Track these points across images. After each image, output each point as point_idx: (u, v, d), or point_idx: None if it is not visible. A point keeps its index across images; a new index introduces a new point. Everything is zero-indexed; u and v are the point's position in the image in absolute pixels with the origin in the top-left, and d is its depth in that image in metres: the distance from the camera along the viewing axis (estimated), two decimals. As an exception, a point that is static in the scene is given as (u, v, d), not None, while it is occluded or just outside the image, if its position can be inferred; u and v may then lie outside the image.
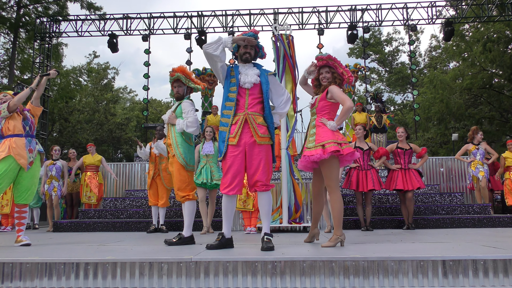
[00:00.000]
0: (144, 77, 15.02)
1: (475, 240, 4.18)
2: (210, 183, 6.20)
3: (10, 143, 4.29)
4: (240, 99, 3.75)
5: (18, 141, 4.33)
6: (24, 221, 4.54)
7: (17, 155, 4.27)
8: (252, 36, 3.85)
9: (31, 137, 4.48)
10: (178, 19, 15.23)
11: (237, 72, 3.81)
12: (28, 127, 4.49)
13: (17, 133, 4.36)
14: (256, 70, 3.84)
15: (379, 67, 32.72)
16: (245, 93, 3.75)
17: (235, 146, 3.66)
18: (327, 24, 14.98)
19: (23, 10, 19.56)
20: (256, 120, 3.70)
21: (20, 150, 4.30)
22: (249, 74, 3.76)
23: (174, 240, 4.12)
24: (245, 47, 3.85)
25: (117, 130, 27.14)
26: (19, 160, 4.28)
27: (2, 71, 21.73)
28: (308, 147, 3.84)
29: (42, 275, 2.90)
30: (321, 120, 3.89)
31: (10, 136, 4.34)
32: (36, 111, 4.67)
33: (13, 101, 4.39)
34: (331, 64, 3.98)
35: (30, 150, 4.40)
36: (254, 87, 3.75)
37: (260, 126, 3.69)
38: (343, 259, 2.83)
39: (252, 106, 3.73)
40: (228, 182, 3.62)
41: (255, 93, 3.76)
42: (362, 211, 6.40)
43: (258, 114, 3.73)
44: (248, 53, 3.85)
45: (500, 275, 2.75)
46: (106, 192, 10.28)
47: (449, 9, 15.70)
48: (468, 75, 21.47)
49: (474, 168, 8.11)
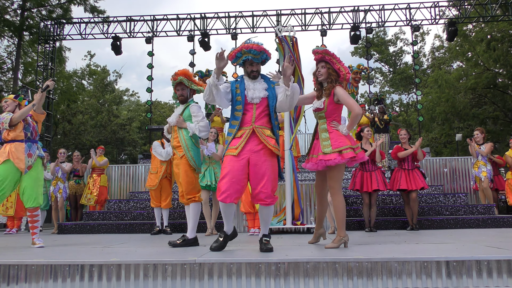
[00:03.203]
0: (147, 79, 15.07)
1: (479, 241, 4.17)
2: (214, 184, 6.22)
3: (10, 148, 4.47)
4: (247, 113, 3.65)
5: (18, 146, 4.50)
6: (37, 224, 4.65)
7: (16, 159, 4.44)
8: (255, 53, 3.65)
9: (32, 142, 4.62)
10: (181, 21, 15.28)
11: (243, 88, 3.69)
12: (30, 133, 4.62)
13: (18, 139, 4.54)
14: (264, 84, 3.73)
15: (383, 66, 32.68)
16: (252, 108, 3.65)
17: (236, 156, 3.54)
18: (330, 25, 14.97)
19: (27, 14, 19.68)
20: (264, 133, 3.60)
21: (19, 154, 4.47)
22: (257, 89, 3.66)
23: (178, 242, 4.14)
24: (251, 65, 3.72)
25: (120, 131, 27.24)
26: (17, 163, 4.44)
27: (5, 75, 21.89)
28: (325, 152, 3.75)
29: (47, 277, 2.92)
30: (333, 125, 3.85)
31: (11, 142, 4.51)
32: (39, 117, 4.81)
33: (15, 116, 4.54)
34: (327, 59, 3.89)
35: (29, 155, 4.55)
36: (262, 101, 3.66)
37: (270, 138, 3.59)
38: (347, 260, 2.83)
39: (259, 119, 3.63)
40: (225, 187, 3.45)
41: (262, 106, 3.66)
42: (368, 211, 6.39)
43: (265, 128, 3.64)
44: (255, 71, 3.73)
45: (504, 276, 2.74)
46: (110, 194, 10.32)
47: (452, 9, 15.65)
48: (472, 75, 21.41)
49: (476, 168, 8.09)
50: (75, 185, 8.93)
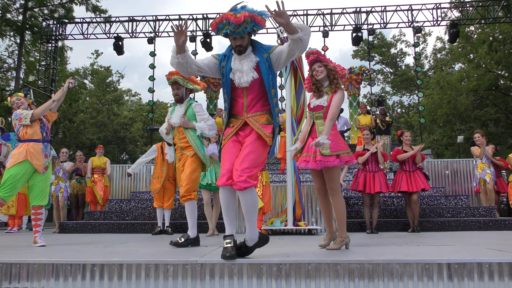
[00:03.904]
0: (149, 80, 15.10)
1: (480, 243, 4.16)
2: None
3: (28, 148, 4.41)
4: (238, 100, 3.16)
5: (36, 146, 4.45)
6: (40, 222, 4.66)
7: (35, 160, 4.40)
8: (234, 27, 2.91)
9: (47, 142, 4.61)
10: (183, 21, 15.27)
11: (228, 68, 3.11)
12: (45, 132, 4.60)
13: (35, 138, 4.48)
14: (254, 58, 3.06)
15: (383, 68, 32.67)
16: (243, 93, 3.13)
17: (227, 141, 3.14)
18: (331, 27, 15.00)
19: (29, 13, 19.72)
20: (259, 120, 3.10)
21: (38, 155, 4.43)
22: (244, 71, 3.04)
23: (180, 241, 4.14)
24: (234, 39, 3.03)
25: (121, 130, 27.28)
26: (36, 165, 4.40)
27: (6, 74, 21.93)
28: (324, 154, 3.74)
29: (49, 276, 2.93)
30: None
31: (28, 141, 4.46)
32: (53, 117, 4.81)
33: (37, 111, 4.50)
34: (322, 58, 3.91)
35: (46, 155, 4.54)
36: (253, 84, 3.07)
37: (265, 126, 3.08)
38: (348, 262, 2.83)
39: (252, 107, 3.12)
40: (222, 172, 3.02)
41: (254, 90, 3.10)
42: (369, 213, 6.39)
43: (260, 114, 3.12)
44: (239, 45, 3.03)
45: (505, 279, 2.74)
46: (111, 193, 10.33)
47: (454, 11, 15.65)
48: (473, 77, 21.40)
49: (480, 170, 8.06)
50: (77, 184, 8.94)
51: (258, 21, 2.93)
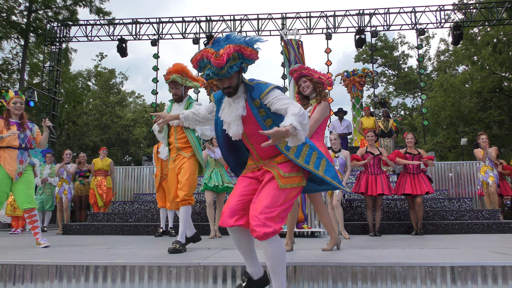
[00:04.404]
0: (153, 81, 15.13)
1: (484, 246, 4.15)
2: (222, 185, 6.25)
3: (3, 154, 4.63)
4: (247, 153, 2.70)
5: (11, 153, 4.66)
6: (37, 223, 4.73)
7: (7, 165, 4.60)
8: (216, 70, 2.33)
9: (24, 150, 4.78)
10: (187, 23, 15.34)
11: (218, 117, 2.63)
12: (24, 143, 4.77)
13: (12, 145, 4.68)
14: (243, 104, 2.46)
15: (386, 71, 32.63)
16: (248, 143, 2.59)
17: None
18: (335, 29, 14.99)
19: (33, 15, 19.83)
20: (276, 162, 2.51)
21: (11, 160, 4.64)
22: (233, 121, 2.47)
23: (177, 247, 3.81)
24: (219, 80, 2.43)
25: (124, 132, 27.35)
26: (8, 170, 4.59)
27: (11, 76, 22.04)
28: None
29: (52, 277, 2.94)
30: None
31: (5, 148, 4.65)
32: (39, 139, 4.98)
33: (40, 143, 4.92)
34: (306, 73, 4.06)
35: (21, 162, 4.72)
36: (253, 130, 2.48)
37: (282, 166, 2.46)
38: (351, 264, 2.83)
39: (264, 152, 2.54)
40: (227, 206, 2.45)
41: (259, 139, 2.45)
42: (372, 215, 6.38)
43: (275, 155, 2.53)
44: (227, 87, 2.43)
45: (509, 282, 2.73)
46: (114, 195, 10.35)
47: (457, 13, 15.62)
48: (477, 79, 21.33)
49: (483, 173, 8.04)
50: (80, 186, 8.97)
51: (248, 54, 2.32)
